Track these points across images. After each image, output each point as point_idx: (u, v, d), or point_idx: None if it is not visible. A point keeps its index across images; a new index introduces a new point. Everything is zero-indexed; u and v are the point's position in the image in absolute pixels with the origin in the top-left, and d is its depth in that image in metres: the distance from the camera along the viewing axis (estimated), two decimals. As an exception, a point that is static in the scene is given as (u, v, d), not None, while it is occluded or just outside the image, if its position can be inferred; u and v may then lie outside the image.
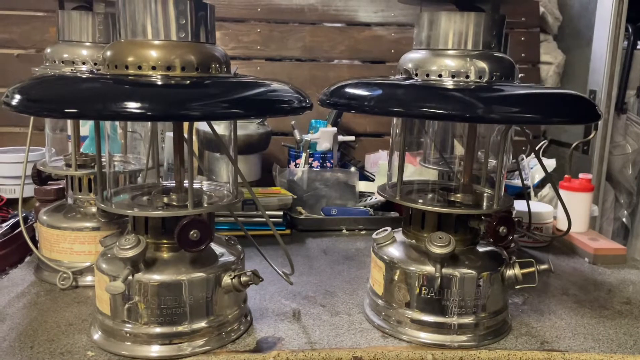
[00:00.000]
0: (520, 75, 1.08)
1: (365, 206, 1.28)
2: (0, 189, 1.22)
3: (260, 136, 1.26)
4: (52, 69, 0.86)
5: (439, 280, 0.71)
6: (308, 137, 1.33)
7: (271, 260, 0.83)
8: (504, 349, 0.73)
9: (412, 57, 0.74)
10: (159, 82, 0.60)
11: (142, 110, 0.54)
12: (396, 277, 0.75)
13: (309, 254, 1.09)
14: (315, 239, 1.18)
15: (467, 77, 0.69)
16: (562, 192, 1.17)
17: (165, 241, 0.70)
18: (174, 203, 0.70)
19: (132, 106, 0.53)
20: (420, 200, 0.77)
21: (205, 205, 0.71)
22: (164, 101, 0.55)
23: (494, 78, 0.69)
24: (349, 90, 0.71)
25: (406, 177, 0.79)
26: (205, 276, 0.70)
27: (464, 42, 0.70)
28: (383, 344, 0.74)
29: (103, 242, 0.74)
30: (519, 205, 1.12)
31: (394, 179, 0.80)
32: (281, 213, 1.18)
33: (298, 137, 1.33)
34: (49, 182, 1.00)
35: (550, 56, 1.69)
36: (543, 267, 0.76)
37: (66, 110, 0.54)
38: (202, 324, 0.70)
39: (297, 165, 1.34)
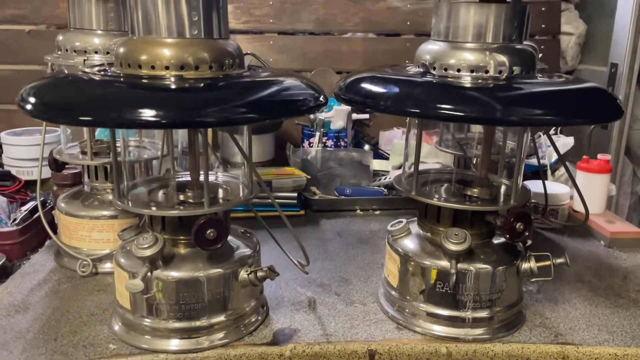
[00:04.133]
0: (539, 56, 1.05)
1: (379, 186, 1.27)
2: (17, 171, 1.24)
3: (274, 116, 1.25)
4: (65, 59, 0.86)
5: (455, 276, 0.71)
6: (322, 115, 1.32)
7: (286, 243, 0.83)
8: (518, 342, 0.74)
9: (430, 49, 0.72)
10: (173, 86, 0.59)
11: (157, 119, 0.53)
12: (411, 271, 0.76)
13: (323, 237, 1.10)
14: (329, 219, 1.19)
15: (487, 71, 0.67)
16: (579, 173, 1.16)
17: (182, 237, 0.71)
18: (190, 200, 0.70)
19: (147, 115, 0.53)
20: (436, 197, 0.76)
21: (221, 202, 0.71)
22: (178, 109, 0.54)
23: (514, 72, 0.68)
24: (364, 86, 0.70)
25: (421, 157, 0.78)
26: (222, 272, 0.70)
27: (484, 34, 0.68)
28: (397, 337, 0.75)
29: (121, 236, 0.75)
30: (535, 186, 1.10)
31: (410, 159, 0.78)
32: (295, 194, 1.18)
33: (312, 115, 1.32)
34: (66, 166, 1.00)
35: (571, 26, 1.63)
36: (559, 260, 0.76)
37: (81, 118, 0.53)
38: (220, 318, 0.71)
39: (311, 144, 1.33)
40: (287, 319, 0.78)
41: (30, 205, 1.07)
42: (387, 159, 1.36)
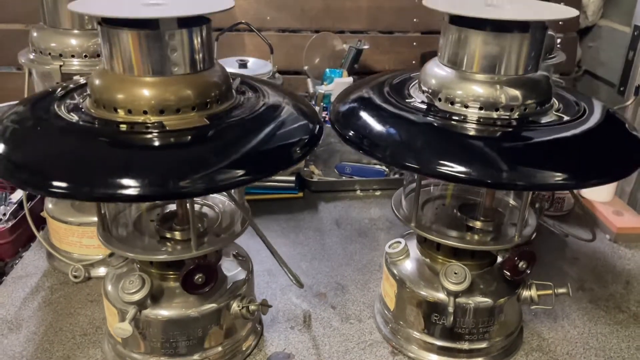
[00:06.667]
0: (558, 41, 0.97)
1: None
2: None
3: (271, 92, 1.18)
4: (40, 63, 0.79)
5: (452, 315, 0.69)
6: (322, 88, 1.24)
7: (283, 230, 0.80)
8: (513, 372, 0.74)
9: (437, 74, 0.65)
10: (156, 142, 0.53)
11: (137, 193, 0.49)
12: (407, 299, 0.74)
13: (321, 227, 1.07)
14: (327, 203, 1.16)
15: (497, 109, 0.61)
16: (590, 160, 1.11)
17: (171, 273, 0.69)
18: (177, 237, 0.67)
19: (126, 192, 0.48)
20: (437, 226, 0.73)
21: (211, 239, 0.68)
22: (161, 183, 0.49)
23: (527, 108, 0.62)
24: (362, 119, 0.64)
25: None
26: (215, 307, 0.68)
27: (497, 66, 0.61)
28: (392, 364, 0.74)
29: (110, 262, 0.73)
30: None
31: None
32: (293, 178, 1.14)
33: (311, 89, 1.25)
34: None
35: (595, -22, 1.50)
36: (561, 290, 0.74)
37: (51, 190, 0.49)
38: (216, 349, 0.71)
39: (311, 118, 1.27)
40: (281, 340, 0.78)
41: (20, 195, 1.04)
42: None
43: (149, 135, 0.54)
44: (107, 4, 0.60)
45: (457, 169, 0.54)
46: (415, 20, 1.43)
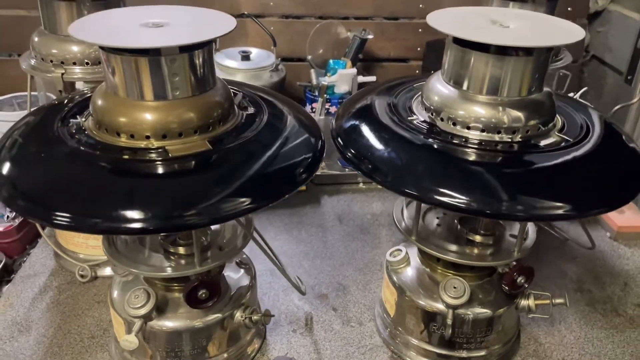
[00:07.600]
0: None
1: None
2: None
3: (275, 85, 1.17)
4: (42, 71, 0.79)
5: (451, 327, 0.70)
6: (325, 80, 1.23)
7: (286, 226, 0.81)
8: (509, 379, 0.76)
9: (439, 92, 0.65)
10: (160, 170, 0.54)
11: (142, 227, 0.50)
12: (407, 307, 0.75)
13: (324, 223, 1.08)
14: (331, 197, 1.16)
15: (499, 131, 0.61)
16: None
17: (175, 285, 0.70)
18: (181, 252, 0.68)
19: (130, 226, 0.49)
20: (437, 233, 0.73)
21: (214, 253, 0.69)
22: (166, 216, 0.50)
23: (529, 130, 0.62)
24: (364, 137, 0.64)
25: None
26: (220, 317, 0.70)
27: (500, 88, 0.61)
28: (391, 370, 0.77)
29: (115, 270, 0.74)
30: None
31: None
32: (296, 172, 1.15)
33: (315, 81, 1.24)
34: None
35: (606, -39, 1.47)
36: (558, 301, 0.75)
37: (56, 223, 0.50)
38: (221, 356, 0.73)
39: (314, 110, 1.26)
40: (283, 344, 0.80)
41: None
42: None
43: (152, 164, 0.55)
44: (107, 25, 0.59)
45: (456, 198, 0.55)
46: (421, 6, 1.41)
